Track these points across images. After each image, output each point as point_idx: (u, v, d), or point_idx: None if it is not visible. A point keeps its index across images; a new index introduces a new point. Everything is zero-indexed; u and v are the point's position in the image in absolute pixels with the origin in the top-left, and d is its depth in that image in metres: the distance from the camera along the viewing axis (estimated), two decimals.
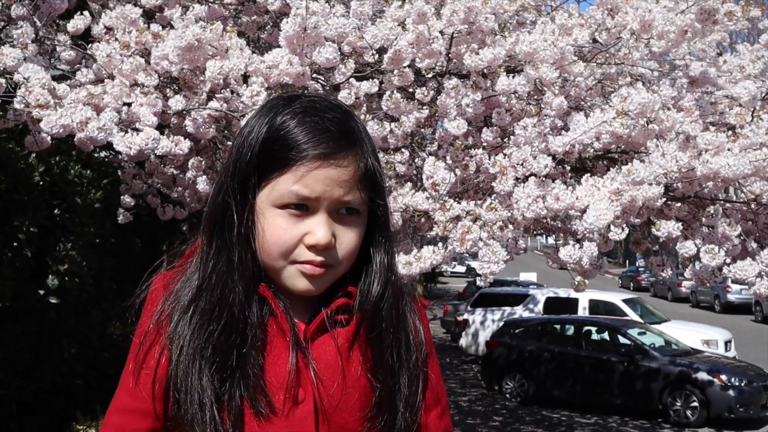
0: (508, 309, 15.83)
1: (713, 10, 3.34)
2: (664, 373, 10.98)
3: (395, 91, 3.72)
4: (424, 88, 3.87)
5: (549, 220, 4.07)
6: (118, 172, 5.70)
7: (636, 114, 3.33)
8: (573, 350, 12.05)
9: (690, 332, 13.76)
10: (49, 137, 3.56)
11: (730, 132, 3.52)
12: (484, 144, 3.97)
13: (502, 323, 14.29)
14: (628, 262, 45.22)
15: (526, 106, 3.78)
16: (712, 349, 13.20)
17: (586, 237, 3.38)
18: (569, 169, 4.21)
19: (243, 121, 3.47)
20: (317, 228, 1.18)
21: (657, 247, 4.46)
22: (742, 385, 10.53)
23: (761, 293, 3.51)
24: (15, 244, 5.31)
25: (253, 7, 4.48)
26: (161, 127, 3.79)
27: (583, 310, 14.95)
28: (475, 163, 3.89)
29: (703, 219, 3.65)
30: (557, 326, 12.95)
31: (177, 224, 7.12)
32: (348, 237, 1.22)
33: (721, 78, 4.01)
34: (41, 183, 5.61)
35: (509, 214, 3.52)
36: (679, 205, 3.75)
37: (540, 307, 15.46)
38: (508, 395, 12.44)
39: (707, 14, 3.35)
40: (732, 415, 10.43)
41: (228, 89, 3.83)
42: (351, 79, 3.74)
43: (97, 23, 3.91)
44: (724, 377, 10.58)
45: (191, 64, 3.49)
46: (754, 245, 3.73)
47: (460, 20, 3.52)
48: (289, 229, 1.19)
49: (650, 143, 3.42)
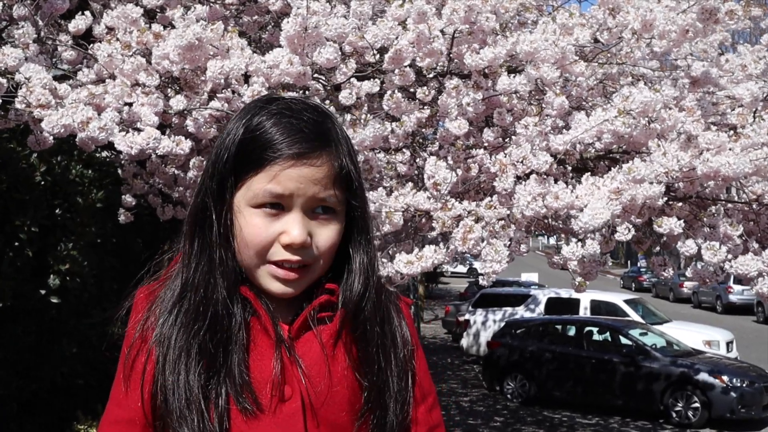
0: (509, 309, 15.83)
1: (714, 9, 3.33)
2: (665, 374, 10.97)
3: (396, 91, 3.72)
4: (425, 87, 3.87)
5: (550, 220, 4.06)
6: (119, 172, 5.70)
7: (638, 113, 3.33)
8: (574, 351, 12.05)
9: (692, 333, 13.76)
10: (51, 137, 3.56)
11: (732, 132, 3.51)
12: (485, 144, 3.96)
13: (503, 324, 14.28)
14: (629, 262, 45.20)
15: (528, 106, 3.78)
16: (713, 349, 13.19)
17: (584, 236, 3.38)
18: (570, 169, 4.20)
19: None
20: (292, 227, 1.19)
21: (658, 248, 4.46)
22: (744, 386, 10.52)
23: (763, 292, 3.50)
24: (16, 244, 5.31)
25: (254, 7, 4.48)
26: (162, 127, 3.79)
27: (584, 311, 14.94)
28: (476, 163, 3.88)
29: (705, 219, 3.64)
30: (558, 327, 12.94)
31: (178, 224, 7.12)
32: (324, 235, 1.22)
33: (722, 78, 4.00)
34: (42, 183, 5.61)
35: (508, 212, 3.52)
36: (680, 204, 3.75)
37: (541, 307, 15.46)
38: (509, 396, 12.43)
39: (708, 13, 3.35)
40: (733, 416, 10.42)
41: (229, 89, 3.83)
42: (352, 79, 3.74)
43: (99, 23, 3.91)
44: (725, 378, 10.57)
45: (192, 63, 3.49)
46: (756, 245, 3.72)
47: (461, 20, 3.52)
48: (265, 228, 1.20)
49: (652, 143, 3.42)
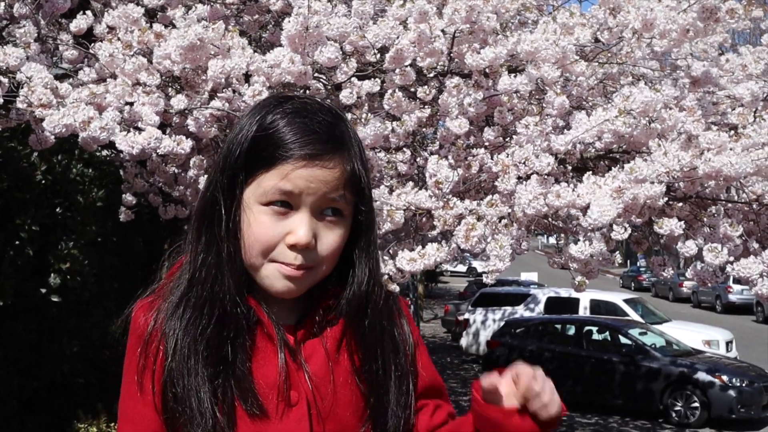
0: (509, 309, 15.83)
1: (715, 8, 3.34)
2: (665, 374, 10.98)
3: (397, 90, 3.72)
4: (426, 87, 3.88)
5: (550, 219, 4.07)
6: (119, 171, 5.71)
7: (638, 113, 3.33)
8: (574, 350, 12.05)
9: (691, 332, 13.76)
10: (52, 136, 3.56)
11: (732, 132, 3.52)
12: (486, 143, 3.97)
13: (503, 323, 14.29)
14: (629, 262, 45.22)
15: (528, 106, 3.78)
16: (713, 349, 13.19)
17: (590, 233, 3.38)
18: (571, 168, 4.21)
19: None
20: (299, 227, 1.18)
21: (658, 248, 4.47)
22: (743, 385, 10.53)
23: (762, 293, 3.51)
24: (17, 243, 5.32)
25: (255, 6, 4.48)
26: (163, 126, 3.80)
27: (584, 310, 14.94)
28: (477, 162, 3.89)
29: (705, 219, 3.65)
30: (558, 326, 12.95)
31: (178, 223, 7.13)
32: (330, 238, 1.22)
33: (723, 78, 4.01)
34: (43, 182, 5.62)
35: (509, 210, 3.52)
36: (680, 204, 3.76)
37: (541, 306, 15.45)
38: None
39: (709, 12, 3.35)
40: (733, 416, 10.43)
41: (230, 88, 3.83)
42: (353, 79, 3.74)
43: (100, 22, 3.91)
44: (725, 378, 10.58)
45: (193, 63, 3.50)
46: (756, 245, 3.73)
47: (462, 19, 3.52)
48: (272, 227, 1.19)
49: (652, 142, 3.43)
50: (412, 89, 3.92)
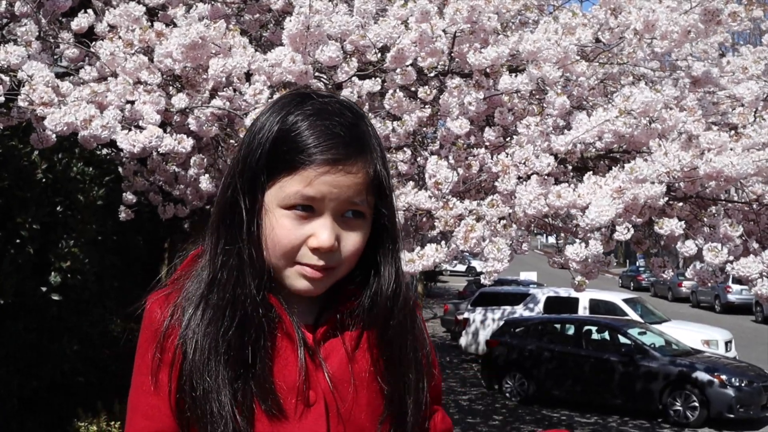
0: (508, 308, 15.83)
1: (717, 10, 3.34)
2: (664, 373, 10.98)
3: (398, 90, 3.72)
4: (427, 86, 3.88)
5: (550, 219, 4.07)
6: (119, 170, 5.71)
7: (639, 113, 3.34)
8: (573, 350, 12.05)
9: (690, 332, 13.76)
10: (54, 135, 3.56)
11: (733, 132, 3.52)
12: (487, 143, 3.97)
13: (502, 322, 14.29)
14: (628, 261, 45.23)
15: (529, 106, 3.79)
16: (712, 349, 13.20)
17: (588, 234, 3.39)
18: (571, 168, 4.21)
19: (249, 118, 3.48)
20: (321, 231, 1.18)
21: (657, 249, 4.47)
22: (743, 385, 10.53)
23: (762, 293, 3.51)
24: (17, 241, 5.31)
25: (256, 5, 4.49)
26: (164, 125, 3.80)
27: (583, 310, 14.94)
28: (477, 162, 3.89)
29: (705, 219, 3.65)
30: (557, 326, 12.95)
31: (178, 222, 7.13)
32: (351, 241, 1.21)
33: (723, 78, 4.01)
34: (44, 180, 5.62)
35: (510, 211, 3.53)
36: (681, 204, 3.76)
37: (540, 306, 15.46)
38: (508, 394, 12.44)
39: (711, 14, 3.36)
40: (732, 416, 10.43)
41: (231, 87, 3.84)
42: (353, 78, 3.74)
43: (101, 21, 3.92)
44: (724, 377, 10.58)
45: (194, 62, 3.50)
46: (756, 245, 3.73)
47: (463, 19, 3.53)
48: (294, 230, 1.18)
49: (653, 142, 3.43)
50: (413, 89, 3.92)
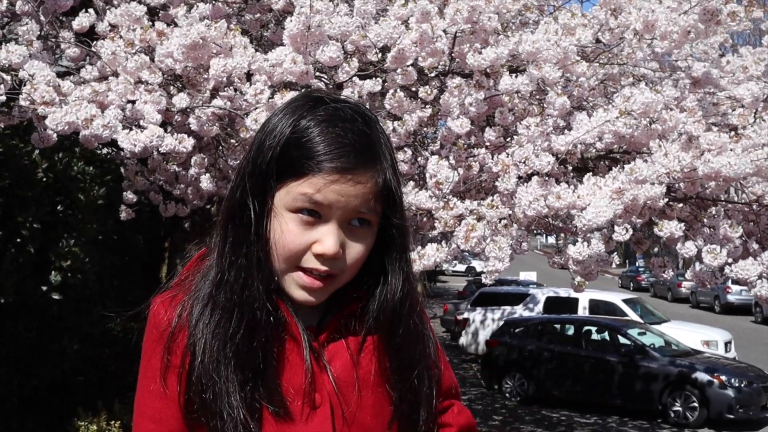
0: (508, 308, 15.83)
1: (716, 10, 3.35)
2: (663, 374, 10.98)
3: (398, 90, 3.73)
4: (427, 87, 3.89)
5: (550, 219, 4.08)
6: (120, 169, 5.72)
7: (639, 114, 3.34)
8: (573, 350, 12.06)
9: (690, 333, 13.77)
10: (55, 134, 3.57)
11: (733, 132, 3.53)
12: (487, 143, 3.98)
13: (502, 322, 14.29)
14: (628, 262, 45.24)
15: (529, 106, 3.79)
16: (711, 349, 13.20)
17: (585, 234, 3.39)
18: (571, 169, 4.22)
19: (249, 118, 3.48)
20: (327, 237, 1.17)
21: (657, 249, 4.47)
22: (742, 386, 10.53)
23: (762, 295, 3.52)
24: (18, 241, 5.32)
25: (257, 5, 4.49)
26: (165, 125, 3.81)
27: (583, 310, 14.95)
28: (478, 162, 3.90)
29: (705, 220, 3.66)
30: (557, 326, 12.95)
31: (179, 221, 7.14)
32: (356, 248, 1.21)
33: (723, 79, 4.02)
34: (44, 179, 5.62)
35: (510, 212, 3.53)
36: (681, 205, 3.76)
37: (540, 306, 15.46)
38: (507, 394, 12.45)
39: (710, 14, 3.36)
40: (732, 416, 10.43)
41: (231, 87, 3.84)
42: (354, 78, 3.75)
43: (102, 20, 3.92)
44: (723, 378, 10.58)
45: (195, 61, 3.50)
46: (756, 246, 3.74)
47: (464, 19, 3.53)
48: (299, 235, 1.18)
49: (653, 143, 3.43)
50: (414, 89, 3.93)
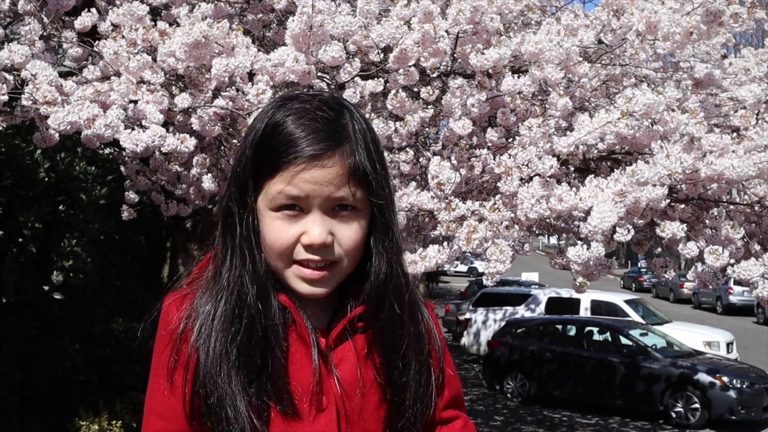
0: (509, 309, 15.83)
1: (719, 11, 3.34)
2: (665, 375, 10.98)
3: (400, 90, 3.73)
4: (429, 87, 3.88)
5: (552, 220, 4.07)
6: (122, 169, 5.72)
7: (641, 115, 3.34)
8: (575, 351, 12.05)
9: (692, 334, 13.75)
10: (57, 134, 3.57)
11: (735, 134, 3.52)
12: (489, 144, 3.97)
13: (503, 323, 14.29)
14: (630, 263, 45.20)
15: (531, 107, 3.79)
16: (713, 350, 13.19)
17: (590, 239, 3.39)
18: (573, 170, 4.21)
19: (251, 118, 3.48)
20: (312, 227, 1.19)
21: (660, 249, 4.47)
22: (744, 386, 10.53)
23: (763, 296, 3.51)
24: (20, 240, 5.32)
25: (259, 5, 4.49)
26: (167, 125, 3.81)
27: (584, 311, 14.94)
28: (480, 163, 3.90)
29: (707, 221, 3.65)
30: (559, 326, 12.95)
31: (180, 221, 7.15)
32: (347, 233, 1.22)
33: (725, 80, 4.01)
34: (46, 179, 5.62)
35: (512, 215, 3.53)
36: (682, 206, 3.76)
37: (542, 307, 15.46)
38: (509, 395, 12.44)
39: (713, 16, 3.36)
40: (733, 417, 10.43)
41: (234, 87, 3.84)
42: (356, 78, 3.75)
43: (104, 20, 3.92)
44: (725, 379, 10.57)
45: (197, 61, 3.50)
46: (758, 247, 3.73)
47: (466, 20, 3.53)
48: (286, 230, 1.20)
49: (654, 144, 3.43)
50: (416, 89, 3.93)
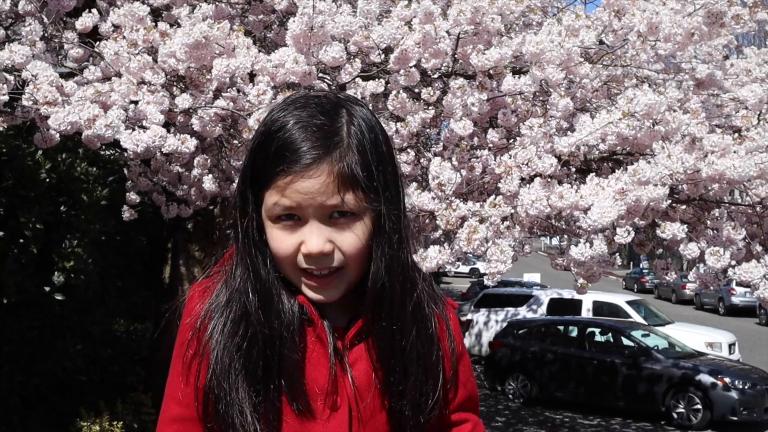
0: (511, 310, 15.83)
1: (720, 12, 3.33)
2: (667, 376, 10.97)
3: (401, 91, 3.72)
4: (430, 88, 3.88)
5: (553, 220, 4.07)
6: (123, 170, 5.72)
7: (642, 115, 3.33)
8: (576, 351, 12.05)
9: (694, 334, 13.75)
10: (57, 134, 3.57)
11: (736, 134, 3.51)
12: (490, 145, 3.97)
13: (505, 324, 14.28)
14: (632, 263, 45.17)
15: (532, 107, 3.78)
16: (715, 351, 13.18)
17: (590, 235, 3.38)
18: (574, 170, 4.21)
19: (252, 119, 3.48)
20: (309, 237, 1.19)
21: (661, 250, 4.46)
22: (746, 387, 10.52)
23: (765, 297, 3.50)
24: (21, 241, 5.32)
25: (260, 6, 4.49)
26: (167, 125, 3.81)
27: (586, 312, 14.93)
28: (481, 164, 3.89)
29: (708, 222, 3.65)
30: (561, 327, 12.94)
31: (181, 222, 7.15)
32: (347, 240, 1.21)
33: (727, 81, 4.00)
34: (47, 180, 5.62)
35: (512, 211, 3.52)
36: (684, 207, 3.75)
37: (543, 308, 15.46)
38: (511, 396, 12.44)
39: (714, 17, 3.35)
40: (735, 418, 10.42)
41: (234, 88, 3.84)
42: (357, 79, 3.75)
43: (105, 21, 3.92)
44: (727, 380, 10.57)
45: (198, 62, 3.50)
46: (759, 248, 3.72)
47: (467, 20, 3.52)
48: (285, 241, 1.21)
49: (656, 145, 3.42)
50: (417, 90, 3.92)
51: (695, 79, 3.98)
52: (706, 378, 10.67)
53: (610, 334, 12.15)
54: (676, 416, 10.80)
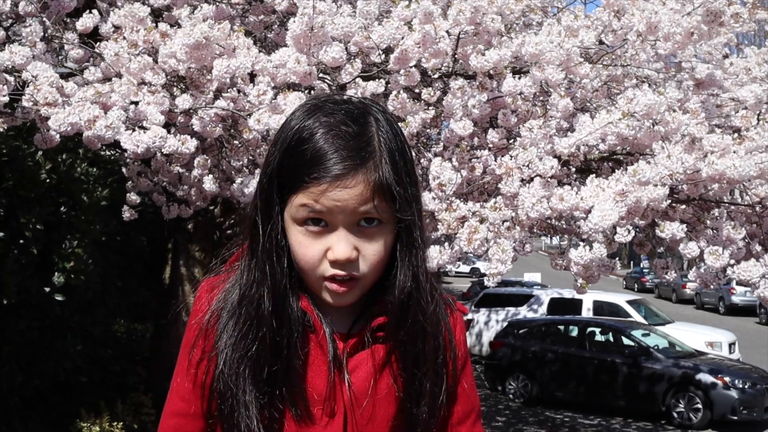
0: (512, 309, 15.83)
1: (720, 12, 3.34)
2: (667, 375, 10.97)
3: (401, 91, 3.73)
4: (430, 88, 3.88)
5: (553, 221, 4.07)
6: (123, 170, 5.72)
7: (642, 115, 3.33)
8: (577, 351, 12.05)
9: (694, 334, 13.74)
10: (58, 135, 3.57)
11: (736, 134, 3.52)
12: (490, 145, 3.97)
13: (506, 324, 14.28)
14: (632, 263, 45.16)
15: (532, 108, 3.79)
16: (716, 351, 13.17)
17: (591, 238, 3.38)
18: (574, 170, 4.21)
19: (252, 119, 3.48)
20: (337, 244, 1.19)
21: (662, 249, 4.47)
22: (746, 387, 10.51)
23: (764, 296, 3.51)
24: (21, 241, 5.32)
25: (261, 6, 4.49)
26: (168, 126, 3.81)
27: (587, 311, 14.93)
28: (481, 164, 3.90)
29: (708, 221, 3.65)
30: (561, 327, 12.93)
31: (182, 222, 7.15)
32: (371, 249, 1.21)
33: (727, 81, 4.01)
34: (48, 180, 5.63)
35: (513, 214, 3.53)
36: (684, 207, 3.76)
37: (544, 307, 15.45)
38: (511, 396, 12.44)
39: (714, 16, 3.35)
40: (735, 418, 10.42)
41: (235, 88, 3.84)
42: (357, 79, 3.75)
43: (106, 22, 3.93)
44: (727, 379, 10.56)
45: (199, 62, 3.50)
46: (759, 248, 3.73)
47: (467, 20, 3.53)
48: (311, 246, 1.20)
49: (656, 145, 3.43)
50: (417, 90, 3.93)
51: (695, 79, 3.99)
52: (706, 377, 10.67)
53: (610, 334, 12.15)
54: (676, 416, 10.80)
